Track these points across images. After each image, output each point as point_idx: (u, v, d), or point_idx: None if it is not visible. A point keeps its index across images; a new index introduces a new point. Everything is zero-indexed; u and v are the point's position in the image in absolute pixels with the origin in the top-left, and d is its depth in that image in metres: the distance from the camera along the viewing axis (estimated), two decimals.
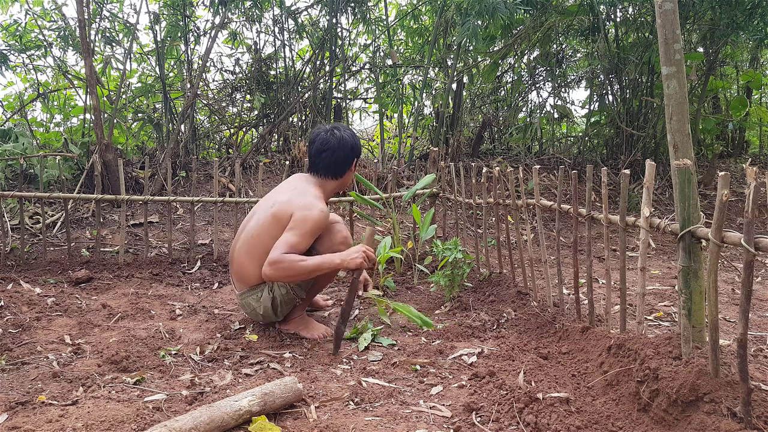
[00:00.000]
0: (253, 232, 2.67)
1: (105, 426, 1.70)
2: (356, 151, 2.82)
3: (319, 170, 2.79)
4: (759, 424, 1.53)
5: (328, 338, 2.73)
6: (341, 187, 2.91)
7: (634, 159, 6.18)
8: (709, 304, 1.64)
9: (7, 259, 4.00)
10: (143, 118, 6.30)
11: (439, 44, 6.39)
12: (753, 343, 2.46)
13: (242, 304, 2.82)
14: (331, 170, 2.79)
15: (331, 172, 2.79)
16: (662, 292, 3.37)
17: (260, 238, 2.62)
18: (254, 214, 2.79)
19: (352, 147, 2.79)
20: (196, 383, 2.14)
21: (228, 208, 5.33)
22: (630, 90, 6.50)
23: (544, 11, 5.68)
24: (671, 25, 1.93)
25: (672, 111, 1.91)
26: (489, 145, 7.90)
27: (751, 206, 1.46)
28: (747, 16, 5.44)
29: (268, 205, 2.71)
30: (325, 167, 2.78)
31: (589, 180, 2.40)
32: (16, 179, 5.10)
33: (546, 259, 2.86)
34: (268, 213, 2.65)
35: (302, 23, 6.45)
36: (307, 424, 1.81)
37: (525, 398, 1.87)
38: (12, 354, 2.41)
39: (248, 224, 2.76)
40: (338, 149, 2.76)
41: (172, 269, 3.99)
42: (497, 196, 3.27)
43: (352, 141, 2.80)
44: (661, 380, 1.74)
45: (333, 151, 2.75)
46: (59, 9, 5.79)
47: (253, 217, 2.76)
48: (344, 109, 6.93)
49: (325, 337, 2.74)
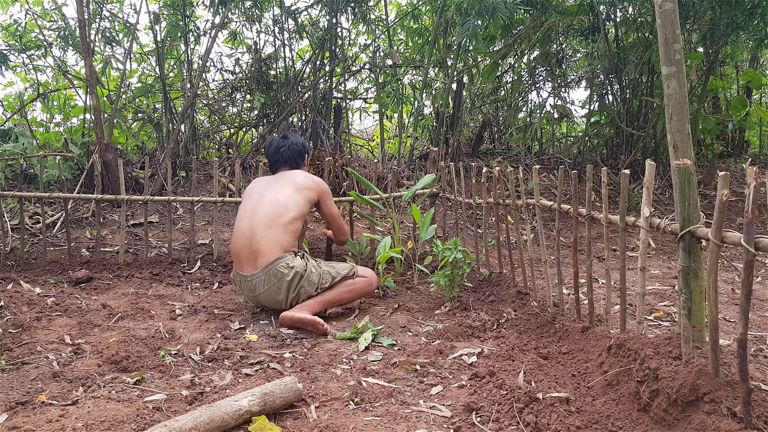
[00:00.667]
0: (277, 205, 3.08)
1: (105, 426, 1.70)
2: (307, 148, 3.47)
3: (280, 164, 3.40)
4: (759, 424, 1.53)
5: (327, 333, 2.81)
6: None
7: (634, 159, 6.18)
8: (709, 304, 1.64)
9: (7, 259, 4.00)
10: (143, 118, 6.30)
11: (439, 44, 6.39)
12: (753, 343, 2.46)
13: (265, 278, 2.97)
14: (291, 161, 3.39)
15: (291, 163, 3.39)
16: (662, 292, 3.37)
17: (286, 208, 3.09)
18: (261, 196, 3.17)
19: (302, 143, 3.44)
20: (196, 383, 2.14)
21: (228, 208, 5.33)
22: (630, 90, 6.50)
23: (544, 11, 5.68)
24: (671, 25, 1.93)
25: (672, 111, 1.91)
26: (489, 145, 7.90)
27: (751, 206, 1.46)
28: (747, 16, 5.44)
29: (282, 184, 3.21)
30: (284, 159, 3.38)
31: (589, 180, 2.40)
32: (16, 179, 5.10)
33: (546, 259, 2.86)
34: (291, 189, 3.17)
35: (302, 23, 6.45)
36: (307, 424, 1.81)
37: (525, 398, 1.87)
38: (12, 354, 2.41)
39: (261, 204, 3.11)
40: (292, 144, 3.41)
41: (172, 269, 3.99)
42: (497, 196, 3.27)
43: (301, 140, 3.46)
44: (661, 380, 1.74)
45: (288, 146, 3.40)
46: (59, 9, 5.79)
47: (266, 197, 3.14)
48: (344, 109, 6.93)
49: (328, 331, 2.82)
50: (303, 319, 2.83)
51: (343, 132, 6.68)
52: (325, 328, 2.79)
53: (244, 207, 3.22)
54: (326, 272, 3.08)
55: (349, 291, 3.10)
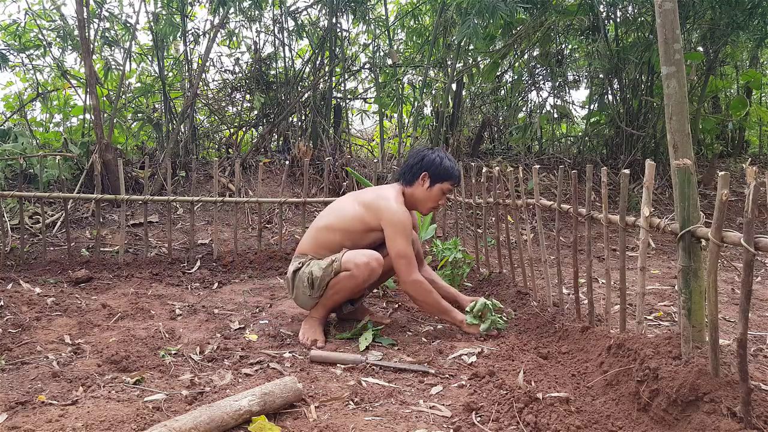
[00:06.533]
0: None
1: (105, 426, 1.70)
2: (426, 165, 2.84)
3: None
4: (759, 424, 1.53)
5: (312, 348, 2.59)
6: (411, 198, 2.89)
7: (634, 159, 6.18)
8: (708, 303, 1.64)
9: (6, 258, 4.00)
10: (143, 118, 6.30)
11: (439, 44, 6.38)
12: (753, 342, 2.46)
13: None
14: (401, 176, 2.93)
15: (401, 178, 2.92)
16: (662, 291, 3.37)
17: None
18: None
19: (423, 158, 2.87)
20: (196, 383, 2.14)
21: (228, 208, 5.33)
22: (630, 90, 6.50)
23: (544, 11, 5.68)
24: (671, 25, 1.93)
25: (672, 111, 1.90)
26: (489, 145, 7.90)
27: (751, 206, 1.46)
28: (747, 15, 5.44)
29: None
30: (400, 173, 2.96)
31: (588, 180, 2.40)
32: (16, 179, 5.09)
33: (546, 258, 2.86)
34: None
35: (302, 23, 6.44)
36: (307, 424, 1.81)
37: (525, 398, 1.87)
38: (12, 354, 2.41)
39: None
40: (410, 157, 2.95)
41: (172, 269, 3.99)
42: (497, 195, 3.27)
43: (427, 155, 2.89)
44: (661, 380, 1.74)
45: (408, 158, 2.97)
46: (58, 8, 5.78)
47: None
48: (344, 109, 6.93)
49: (310, 346, 2.61)
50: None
51: (342, 132, 6.68)
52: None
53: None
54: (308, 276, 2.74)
55: (335, 293, 2.71)
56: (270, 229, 5.20)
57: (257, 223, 4.53)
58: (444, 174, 2.82)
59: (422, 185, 2.82)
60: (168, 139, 5.83)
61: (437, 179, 2.82)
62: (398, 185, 2.89)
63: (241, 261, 4.15)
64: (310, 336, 2.67)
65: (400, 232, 2.69)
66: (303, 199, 4.30)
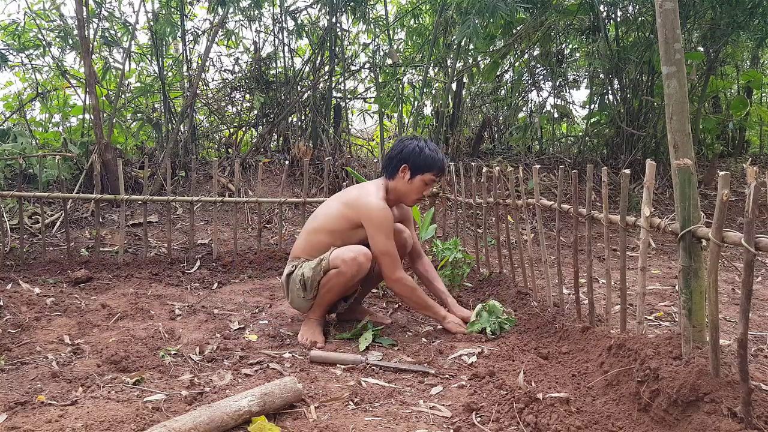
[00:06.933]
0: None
1: (104, 426, 1.69)
2: (405, 157, 2.79)
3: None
4: (759, 424, 1.53)
5: (312, 348, 2.58)
6: (395, 192, 2.85)
7: (634, 159, 6.18)
8: (709, 303, 1.63)
9: (6, 258, 3.99)
10: (142, 117, 6.29)
11: (439, 43, 6.38)
12: (753, 343, 2.45)
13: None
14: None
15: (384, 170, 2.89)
16: (662, 291, 3.36)
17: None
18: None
19: (402, 149, 2.81)
20: (196, 383, 2.14)
21: (227, 208, 5.33)
22: (630, 90, 6.49)
23: (544, 10, 5.68)
24: (671, 25, 1.92)
25: (672, 111, 1.90)
26: (489, 145, 7.89)
27: (752, 206, 1.46)
28: (747, 15, 5.43)
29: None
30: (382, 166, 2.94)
31: (589, 180, 2.40)
32: (15, 179, 5.09)
33: (546, 258, 2.86)
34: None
35: (302, 22, 6.44)
36: (306, 424, 1.81)
37: (525, 398, 1.87)
38: (11, 354, 2.40)
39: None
40: (391, 149, 2.90)
41: (172, 269, 3.98)
42: (497, 195, 3.26)
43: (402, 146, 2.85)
44: (661, 380, 1.74)
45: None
46: (58, 8, 5.78)
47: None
48: (344, 109, 6.92)
49: (309, 347, 2.61)
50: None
51: (342, 132, 6.68)
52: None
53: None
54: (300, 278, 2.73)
55: (327, 291, 2.69)
56: (270, 229, 5.20)
57: (257, 223, 4.52)
58: (423, 165, 2.76)
59: (403, 178, 2.78)
60: (167, 139, 5.83)
61: (417, 171, 2.76)
62: (382, 180, 2.86)
63: (240, 261, 4.15)
64: (310, 337, 2.67)
65: (379, 230, 2.66)
66: (303, 199, 4.30)
